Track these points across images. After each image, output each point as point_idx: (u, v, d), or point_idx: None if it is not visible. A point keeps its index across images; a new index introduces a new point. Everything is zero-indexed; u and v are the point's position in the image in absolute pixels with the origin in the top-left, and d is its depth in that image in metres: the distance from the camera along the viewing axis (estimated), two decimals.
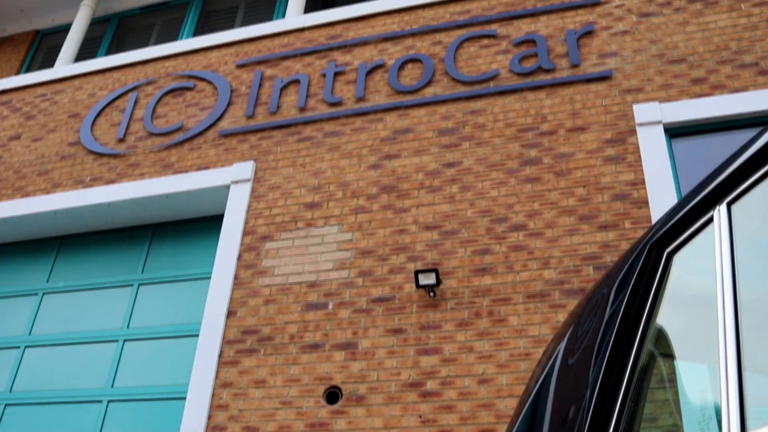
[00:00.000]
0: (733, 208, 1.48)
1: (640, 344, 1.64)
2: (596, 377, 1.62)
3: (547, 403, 1.85)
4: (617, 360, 1.62)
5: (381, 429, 5.40)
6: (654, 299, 1.69)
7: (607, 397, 1.58)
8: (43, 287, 7.85)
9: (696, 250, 1.63)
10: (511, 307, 5.60)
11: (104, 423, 6.64)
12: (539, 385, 1.95)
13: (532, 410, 1.92)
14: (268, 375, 5.90)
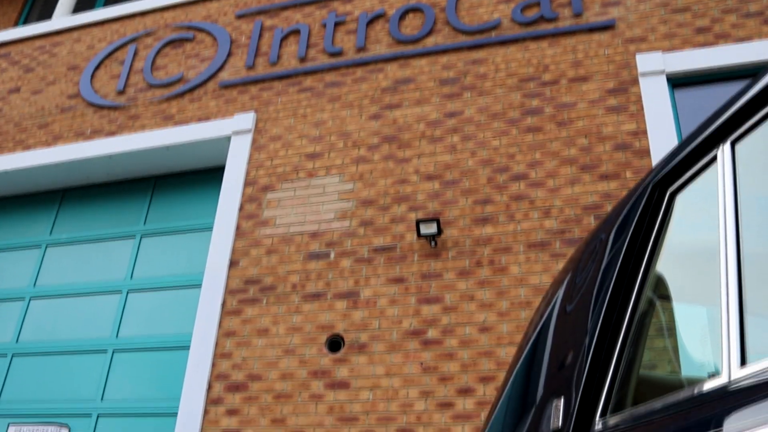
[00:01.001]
0: (737, 147, 1.48)
1: (640, 289, 1.64)
2: (595, 324, 1.63)
3: (546, 350, 1.87)
4: (616, 306, 1.63)
5: (383, 376, 5.46)
6: (655, 241, 1.69)
7: (606, 343, 1.59)
8: (46, 239, 7.88)
9: (699, 189, 1.63)
10: (511, 256, 5.63)
11: (109, 372, 6.71)
12: (537, 332, 1.96)
13: (530, 357, 1.94)
14: (271, 324, 5.95)
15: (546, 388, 1.73)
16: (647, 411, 1.35)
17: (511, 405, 1.94)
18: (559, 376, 1.69)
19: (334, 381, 5.57)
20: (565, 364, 1.68)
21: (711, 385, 1.22)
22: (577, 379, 1.58)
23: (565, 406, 1.58)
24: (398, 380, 5.42)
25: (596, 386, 1.55)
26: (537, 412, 1.71)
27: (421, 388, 5.35)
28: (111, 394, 6.60)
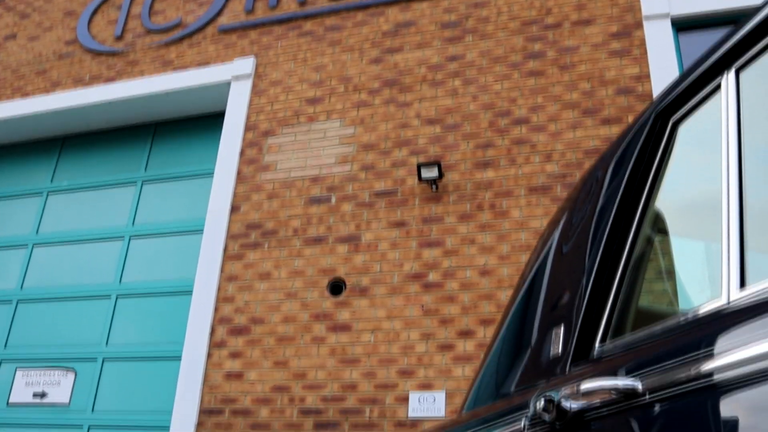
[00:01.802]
0: (742, 75, 1.47)
1: (640, 220, 1.64)
2: (595, 255, 1.63)
3: (542, 290, 1.87)
4: (617, 236, 1.63)
5: (384, 319, 5.51)
6: (656, 173, 1.69)
7: (605, 275, 1.60)
8: (47, 187, 7.88)
9: (702, 119, 1.62)
10: (512, 200, 5.64)
11: (113, 317, 6.77)
12: (534, 272, 1.97)
13: (527, 296, 1.95)
14: (273, 268, 5.99)
15: (544, 322, 1.74)
16: (646, 335, 1.36)
17: (507, 343, 1.96)
18: (558, 309, 1.70)
19: (335, 324, 5.63)
20: (562, 305, 1.69)
21: (709, 307, 1.23)
22: (576, 309, 1.59)
23: (565, 334, 1.59)
24: (399, 323, 5.47)
25: (595, 316, 1.56)
26: (536, 344, 1.73)
27: (421, 330, 5.40)
28: (115, 339, 6.66)
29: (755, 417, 1.00)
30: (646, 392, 1.19)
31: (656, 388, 1.18)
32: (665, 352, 1.22)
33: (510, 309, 2.02)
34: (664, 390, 1.16)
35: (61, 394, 6.66)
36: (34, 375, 6.84)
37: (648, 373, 1.21)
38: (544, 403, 1.38)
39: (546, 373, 1.58)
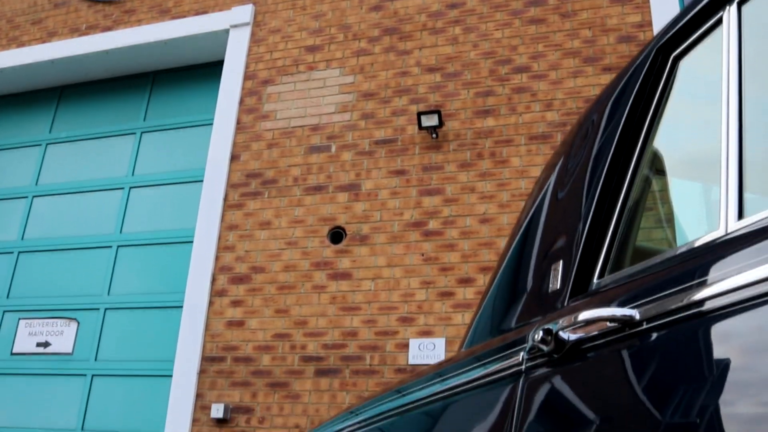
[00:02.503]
0: (744, 9, 1.46)
1: (638, 159, 1.64)
2: (591, 199, 1.63)
3: (540, 229, 1.87)
4: (613, 179, 1.63)
5: (384, 267, 5.54)
6: (656, 109, 1.68)
7: (602, 218, 1.60)
8: (46, 138, 7.86)
9: (703, 53, 1.61)
10: (513, 149, 5.63)
11: (115, 267, 6.81)
12: (532, 211, 1.97)
13: (524, 238, 1.95)
14: (273, 217, 6.00)
15: (542, 260, 1.75)
16: (644, 268, 1.37)
17: (504, 282, 1.97)
18: (556, 247, 1.70)
19: (336, 272, 5.66)
20: (562, 235, 1.69)
21: (707, 238, 1.23)
22: (575, 245, 1.60)
23: (563, 270, 1.60)
24: (399, 271, 5.50)
25: (594, 252, 1.57)
26: (534, 282, 1.74)
27: (422, 278, 5.43)
28: (117, 289, 6.70)
29: (751, 339, 1.01)
30: (644, 321, 1.20)
31: (654, 317, 1.19)
32: (663, 281, 1.22)
33: (508, 250, 2.03)
34: (662, 318, 1.17)
35: (64, 343, 6.72)
36: (37, 325, 6.90)
37: (646, 302, 1.22)
38: (543, 334, 1.39)
39: (544, 309, 1.59)
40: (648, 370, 1.19)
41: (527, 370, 1.48)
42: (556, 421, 1.38)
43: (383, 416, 2.21)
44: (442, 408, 1.87)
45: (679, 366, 1.11)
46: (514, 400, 1.49)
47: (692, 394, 1.07)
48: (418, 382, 2.10)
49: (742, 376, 0.99)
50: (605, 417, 1.25)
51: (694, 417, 1.04)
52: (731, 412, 0.99)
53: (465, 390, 1.75)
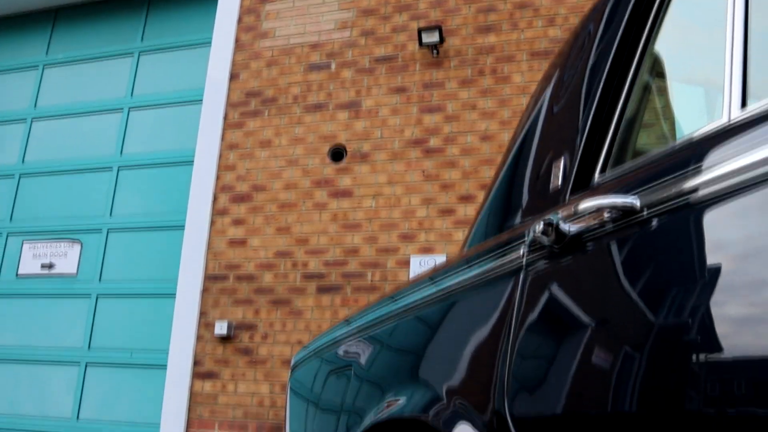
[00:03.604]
0: None
1: (640, 60, 1.61)
2: (593, 96, 1.61)
3: (538, 138, 1.86)
4: (615, 76, 1.60)
5: (385, 185, 5.54)
6: (658, 9, 1.64)
7: (604, 115, 1.58)
8: (42, 60, 7.76)
9: None
10: (514, 65, 5.56)
11: (116, 189, 6.80)
12: (530, 121, 1.95)
13: (522, 145, 1.93)
14: (274, 135, 5.97)
15: (543, 159, 1.73)
16: (646, 160, 1.36)
17: (505, 182, 1.96)
18: (558, 145, 1.69)
19: (337, 190, 5.66)
20: (563, 133, 1.67)
21: (710, 127, 1.22)
22: (576, 142, 1.59)
23: (565, 167, 1.59)
24: (400, 188, 5.51)
25: (595, 148, 1.56)
26: (535, 180, 1.73)
27: (422, 195, 5.44)
28: (119, 210, 6.72)
29: (754, 221, 1.01)
30: (644, 208, 1.20)
31: (654, 203, 1.19)
32: (664, 169, 1.22)
33: (508, 153, 2.02)
34: (663, 204, 1.17)
35: (68, 264, 6.77)
36: (41, 247, 6.94)
37: (646, 190, 1.22)
38: (543, 227, 1.40)
39: (545, 206, 1.59)
40: (649, 258, 1.19)
41: (527, 264, 1.49)
42: (558, 314, 1.39)
43: (376, 323, 2.24)
44: (438, 310, 1.87)
45: (681, 252, 1.12)
46: (514, 295, 1.50)
47: (694, 279, 1.07)
48: (413, 286, 2.12)
49: (745, 257, 1.00)
50: (606, 308, 1.26)
51: (696, 301, 1.05)
52: (733, 295, 0.99)
53: (462, 290, 1.75)
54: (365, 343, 2.25)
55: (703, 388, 0.98)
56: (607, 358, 1.21)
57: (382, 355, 2.10)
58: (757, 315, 0.93)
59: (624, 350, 1.17)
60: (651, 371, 1.09)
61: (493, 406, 1.44)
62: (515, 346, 1.43)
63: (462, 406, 1.53)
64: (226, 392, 5.53)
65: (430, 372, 1.76)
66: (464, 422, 1.51)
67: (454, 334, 1.74)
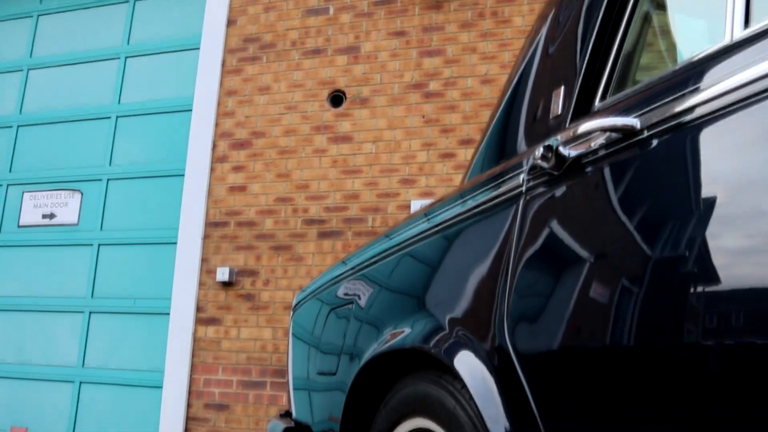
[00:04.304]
0: None
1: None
2: (594, 23, 1.58)
3: (538, 68, 1.83)
4: (614, 12, 1.57)
5: (385, 129, 5.51)
6: None
7: (604, 43, 1.55)
8: (36, 9, 7.66)
9: None
10: (515, 8, 5.49)
11: (115, 138, 6.77)
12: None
13: (522, 77, 1.91)
14: (272, 81, 5.93)
15: (543, 89, 1.71)
16: (647, 83, 1.34)
17: (505, 114, 1.94)
18: (558, 74, 1.66)
19: (337, 135, 5.63)
20: (563, 61, 1.65)
21: (712, 48, 1.20)
22: (577, 69, 1.57)
23: (565, 94, 1.57)
24: (400, 133, 5.48)
25: (596, 74, 1.54)
26: (535, 109, 1.71)
27: (423, 139, 5.42)
28: (118, 159, 6.70)
29: (754, 136, 0.99)
30: (644, 129, 1.19)
31: (655, 123, 1.17)
32: (665, 89, 1.20)
33: (509, 85, 2.00)
34: (663, 124, 1.16)
35: (69, 214, 6.77)
36: (41, 197, 6.93)
37: (647, 110, 1.20)
38: (543, 151, 1.38)
39: (545, 133, 1.57)
40: (650, 178, 1.18)
41: (527, 191, 1.48)
42: (558, 240, 1.38)
43: (374, 261, 2.24)
44: (436, 243, 1.87)
45: (683, 172, 1.11)
46: (514, 223, 1.49)
47: (697, 199, 1.06)
48: (407, 224, 2.11)
49: (746, 171, 0.99)
50: (607, 231, 1.25)
51: (696, 220, 1.04)
52: (735, 212, 0.98)
53: (461, 221, 1.74)
54: (363, 280, 2.25)
55: (702, 319, 0.98)
56: (607, 282, 1.21)
57: (380, 291, 2.10)
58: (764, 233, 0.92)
59: (625, 274, 1.16)
60: (653, 295, 1.09)
61: (494, 334, 1.44)
62: (515, 274, 1.43)
63: (463, 335, 1.53)
64: (229, 338, 5.58)
65: (430, 304, 1.76)
66: (466, 350, 1.51)
67: (453, 266, 1.74)
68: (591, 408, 1.16)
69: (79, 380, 6.21)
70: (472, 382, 1.45)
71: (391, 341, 1.80)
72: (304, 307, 2.78)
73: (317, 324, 2.54)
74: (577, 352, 1.24)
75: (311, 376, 2.49)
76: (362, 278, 2.26)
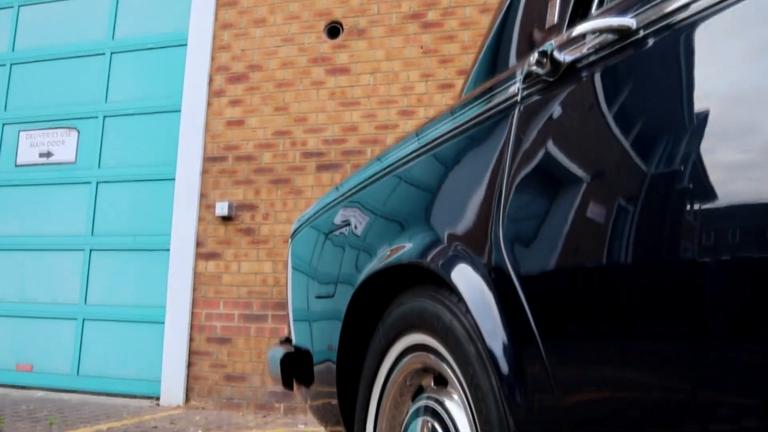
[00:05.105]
0: None
1: None
2: None
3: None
4: None
5: (383, 60, 5.44)
6: None
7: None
8: None
9: None
10: None
11: (110, 74, 6.70)
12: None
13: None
14: (268, 13, 5.83)
15: (537, 3, 1.67)
16: None
17: (497, 32, 1.89)
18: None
19: (334, 67, 5.56)
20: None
21: None
22: None
23: (561, 4, 1.53)
24: (398, 64, 5.41)
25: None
26: (530, 22, 1.67)
27: (421, 70, 5.35)
28: (114, 96, 6.64)
29: (754, 29, 0.96)
30: (641, 29, 1.15)
31: (652, 22, 1.14)
32: None
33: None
34: (660, 22, 1.12)
35: (67, 152, 6.74)
36: (38, 136, 6.90)
37: (643, 9, 1.17)
38: (537, 57, 1.35)
39: (540, 44, 1.53)
40: (647, 81, 1.15)
41: (522, 99, 1.45)
42: (554, 149, 1.35)
43: (364, 185, 2.22)
44: (430, 160, 1.84)
45: (680, 72, 1.08)
46: (509, 133, 1.46)
47: (691, 97, 1.04)
48: (398, 145, 2.09)
49: (744, 70, 0.96)
50: (602, 137, 1.23)
51: (693, 122, 1.01)
52: (737, 116, 0.96)
53: (456, 135, 1.71)
54: (357, 204, 2.24)
55: (700, 236, 0.96)
56: (607, 191, 1.19)
57: (374, 213, 2.09)
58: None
59: (624, 184, 1.14)
60: (653, 205, 1.06)
61: (491, 247, 1.42)
62: (512, 185, 1.41)
63: (461, 250, 1.52)
64: (230, 272, 5.60)
65: (423, 222, 1.75)
66: (462, 264, 1.50)
67: (447, 182, 1.72)
68: (590, 322, 1.15)
69: (82, 317, 6.25)
70: (468, 295, 1.44)
71: (387, 259, 1.80)
72: (302, 234, 2.78)
73: (315, 249, 2.54)
74: (575, 265, 1.22)
75: (310, 301, 2.50)
76: (356, 202, 2.25)
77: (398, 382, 1.86)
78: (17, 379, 6.34)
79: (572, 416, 1.13)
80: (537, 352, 1.23)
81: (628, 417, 1.03)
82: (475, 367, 1.42)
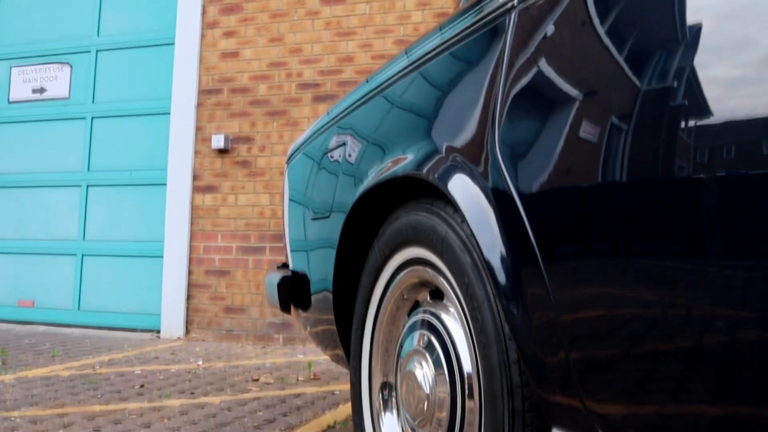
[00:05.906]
0: None
1: None
2: None
3: None
4: None
5: None
6: None
7: None
8: None
9: None
10: None
11: (101, 7, 6.59)
12: None
13: None
14: None
15: None
16: None
17: None
18: None
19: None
20: None
21: None
22: None
23: None
24: None
25: None
26: None
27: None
28: (106, 30, 6.53)
29: None
30: None
31: None
32: None
33: None
34: None
35: (60, 88, 6.67)
36: (30, 72, 6.82)
37: None
38: None
39: None
40: None
41: (519, 3, 1.41)
42: (553, 54, 1.31)
43: (350, 109, 2.19)
44: (416, 79, 1.81)
45: None
46: (504, 41, 1.42)
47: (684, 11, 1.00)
48: (387, 65, 2.05)
49: None
50: (604, 44, 1.19)
51: (686, 36, 0.98)
52: (729, 29, 0.93)
53: (449, 47, 1.67)
54: (348, 126, 2.22)
55: (694, 153, 0.93)
56: (606, 97, 1.15)
57: (368, 130, 2.06)
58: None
59: (624, 90, 1.10)
60: (653, 113, 1.03)
61: (487, 157, 1.40)
62: (508, 94, 1.38)
63: (459, 160, 1.49)
64: (227, 204, 5.58)
65: (420, 135, 1.72)
66: (459, 174, 1.48)
67: (442, 94, 1.68)
68: (588, 235, 1.13)
69: (81, 253, 6.26)
70: (465, 205, 1.42)
71: (383, 174, 1.78)
72: (298, 159, 2.76)
73: (311, 173, 2.52)
74: (575, 175, 1.19)
75: (307, 224, 2.49)
76: (347, 124, 2.23)
77: (395, 297, 1.86)
78: (19, 315, 6.39)
79: (570, 329, 1.12)
80: (533, 258, 1.22)
81: (626, 333, 1.02)
82: (470, 276, 1.41)
